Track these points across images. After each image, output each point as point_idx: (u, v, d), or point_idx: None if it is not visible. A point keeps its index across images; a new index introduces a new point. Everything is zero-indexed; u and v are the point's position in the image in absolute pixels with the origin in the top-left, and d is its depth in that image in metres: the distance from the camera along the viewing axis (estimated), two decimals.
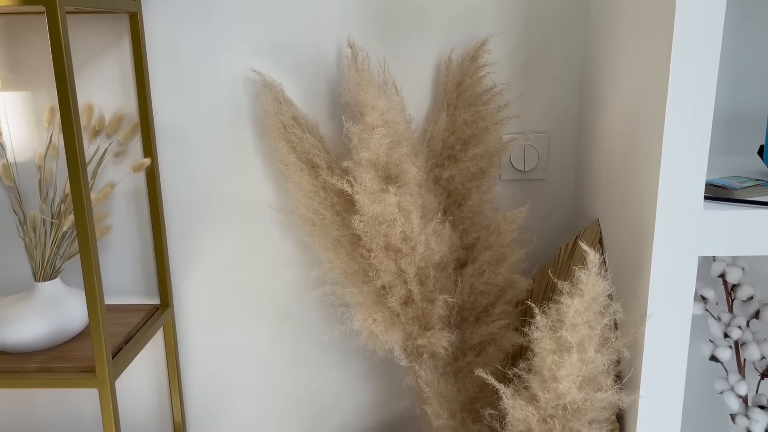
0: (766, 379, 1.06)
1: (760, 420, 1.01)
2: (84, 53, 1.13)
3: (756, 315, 1.05)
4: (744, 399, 1.04)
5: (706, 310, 1.05)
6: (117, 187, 1.19)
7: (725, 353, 1.03)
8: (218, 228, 1.21)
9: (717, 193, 0.82)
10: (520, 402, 0.85)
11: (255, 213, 1.20)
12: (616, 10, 0.95)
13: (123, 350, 1.04)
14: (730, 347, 1.04)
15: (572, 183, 1.17)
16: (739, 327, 1.03)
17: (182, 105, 1.15)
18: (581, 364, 0.80)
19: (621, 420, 0.91)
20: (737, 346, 1.05)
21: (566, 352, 0.80)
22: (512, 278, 1.04)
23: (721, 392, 1.05)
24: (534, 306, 0.85)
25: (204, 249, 1.22)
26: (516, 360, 1.08)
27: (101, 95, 1.15)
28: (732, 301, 1.06)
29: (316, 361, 1.27)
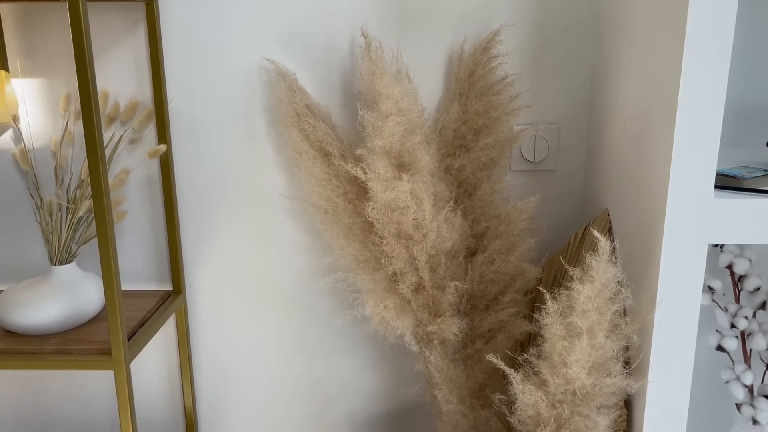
0: None
1: (766, 409, 1.02)
2: (100, 41, 1.15)
3: (762, 306, 1.06)
4: (750, 389, 1.05)
5: (713, 301, 1.06)
6: (131, 175, 1.20)
7: (732, 343, 1.05)
8: (230, 215, 1.23)
9: (727, 183, 0.83)
10: (530, 387, 0.87)
11: (267, 201, 1.22)
12: (629, 2, 0.96)
13: (137, 334, 1.05)
14: (737, 337, 1.05)
15: (581, 173, 1.18)
16: (746, 318, 1.04)
17: (196, 93, 1.17)
18: (591, 350, 0.82)
19: (629, 406, 0.92)
20: (743, 337, 1.06)
21: (576, 338, 0.82)
22: (522, 267, 1.05)
23: (727, 382, 1.06)
24: (545, 291, 0.86)
25: (216, 236, 1.24)
26: (525, 348, 1.09)
27: (116, 83, 1.17)
28: (739, 292, 1.07)
29: (326, 349, 1.29)
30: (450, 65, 1.14)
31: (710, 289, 1.04)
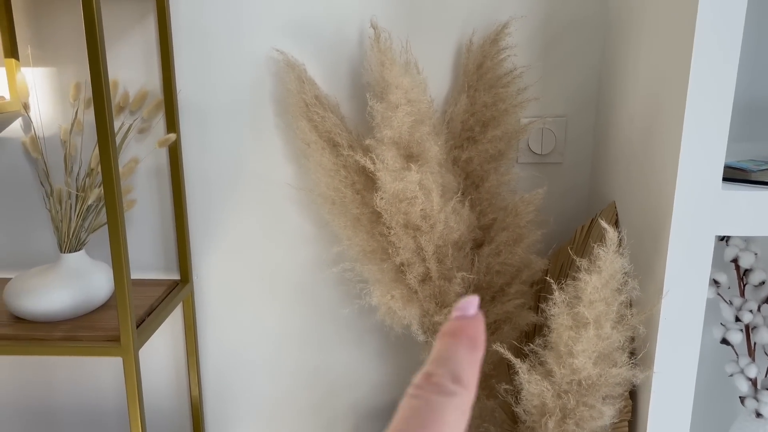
0: None
1: None
2: (110, 30, 1.15)
3: (767, 300, 1.06)
4: (753, 382, 1.05)
5: (718, 294, 1.06)
6: (139, 164, 1.21)
7: (736, 337, 1.05)
8: (238, 205, 1.23)
9: (734, 175, 0.83)
10: (536, 377, 0.87)
11: (274, 191, 1.22)
12: None
13: (146, 322, 1.06)
14: (741, 331, 1.06)
15: (588, 166, 1.19)
16: (751, 311, 1.05)
17: (205, 83, 1.17)
18: (597, 340, 0.82)
19: (634, 397, 0.93)
20: (748, 330, 1.07)
21: (583, 328, 0.82)
22: (528, 258, 1.06)
23: (731, 375, 1.06)
24: (552, 282, 0.86)
25: (224, 226, 1.24)
26: (530, 339, 1.10)
27: (126, 72, 1.17)
28: (744, 286, 1.08)
29: (332, 339, 1.30)
30: (458, 57, 1.14)
31: (715, 283, 1.05)
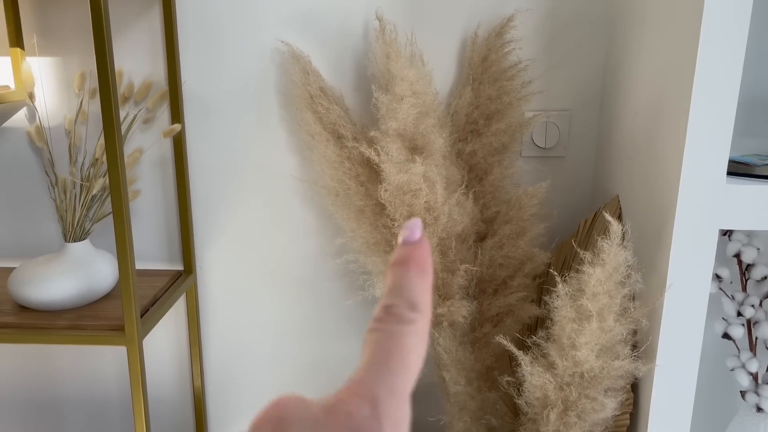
0: None
1: None
2: (116, 21, 1.15)
3: None
4: (755, 376, 1.06)
5: (720, 289, 1.07)
6: (144, 155, 1.21)
7: (738, 331, 1.05)
8: (242, 197, 1.23)
9: (739, 170, 0.83)
10: (538, 369, 0.88)
11: (278, 183, 1.22)
12: None
13: (149, 311, 1.06)
14: (743, 325, 1.06)
15: (592, 160, 1.19)
16: (752, 306, 1.05)
17: (210, 74, 1.17)
18: (600, 333, 0.83)
19: (636, 390, 0.93)
20: (750, 325, 1.07)
21: (586, 321, 0.83)
22: (531, 251, 1.06)
23: (732, 369, 1.07)
24: (556, 274, 0.87)
25: (227, 217, 1.25)
26: (532, 332, 1.10)
27: (131, 63, 1.17)
28: (746, 281, 1.08)
29: (335, 330, 1.30)
30: (463, 50, 1.14)
31: (718, 278, 1.05)
